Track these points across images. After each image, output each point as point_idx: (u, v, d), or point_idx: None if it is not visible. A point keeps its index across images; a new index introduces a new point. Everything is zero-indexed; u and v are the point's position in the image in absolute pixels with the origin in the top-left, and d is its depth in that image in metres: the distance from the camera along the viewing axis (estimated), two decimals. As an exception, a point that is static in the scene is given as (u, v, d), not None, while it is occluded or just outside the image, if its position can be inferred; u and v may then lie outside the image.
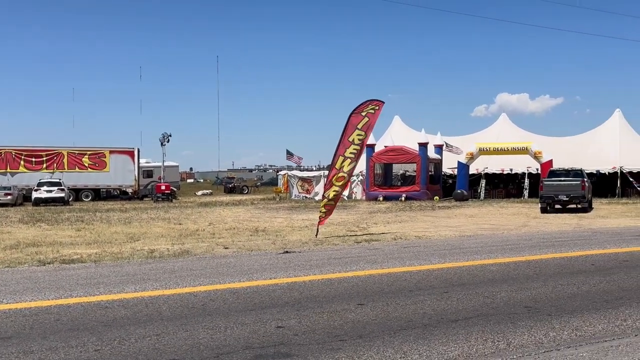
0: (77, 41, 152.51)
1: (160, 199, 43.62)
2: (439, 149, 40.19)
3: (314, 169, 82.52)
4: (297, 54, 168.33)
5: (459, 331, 6.10)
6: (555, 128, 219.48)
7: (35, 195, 39.01)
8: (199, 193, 63.82)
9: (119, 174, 47.69)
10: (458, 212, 27.04)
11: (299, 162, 50.74)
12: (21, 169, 45.73)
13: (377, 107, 16.79)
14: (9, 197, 38.00)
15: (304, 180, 44.59)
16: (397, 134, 43.34)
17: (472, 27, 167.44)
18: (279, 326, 6.34)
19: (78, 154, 47.36)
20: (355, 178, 39.07)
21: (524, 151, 37.01)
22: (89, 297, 8.01)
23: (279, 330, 6.18)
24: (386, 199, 37.09)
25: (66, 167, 46.53)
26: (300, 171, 53.59)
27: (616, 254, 11.96)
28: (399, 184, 40.71)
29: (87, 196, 46.13)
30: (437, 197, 37.41)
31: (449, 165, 40.09)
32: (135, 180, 48.37)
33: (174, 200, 44.65)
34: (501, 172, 40.20)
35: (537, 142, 38.45)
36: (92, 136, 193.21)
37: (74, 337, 6.02)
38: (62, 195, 39.26)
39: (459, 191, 37.13)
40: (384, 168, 39.99)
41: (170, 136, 50.42)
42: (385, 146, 39.66)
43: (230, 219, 24.85)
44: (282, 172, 50.79)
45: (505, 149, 37.83)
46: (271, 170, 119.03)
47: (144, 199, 47.56)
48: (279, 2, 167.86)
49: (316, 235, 16.27)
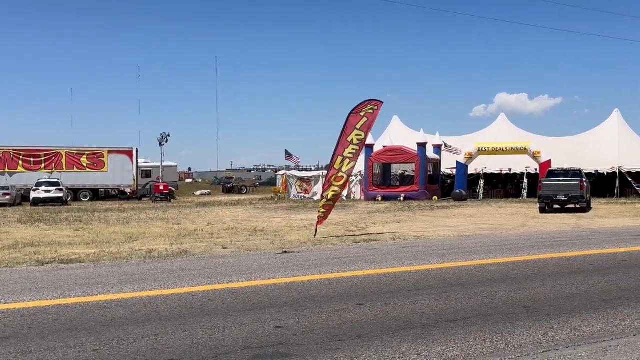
0: (76, 41, 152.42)
1: (158, 199, 43.60)
2: (437, 149, 40.21)
3: (312, 169, 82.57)
4: (296, 53, 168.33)
5: (458, 331, 6.10)
6: (554, 128, 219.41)
7: (33, 195, 39.00)
8: (198, 193, 63.79)
9: (118, 174, 47.67)
10: (457, 212, 27.05)
11: (297, 162, 50.75)
12: (19, 168, 45.69)
13: (376, 107, 16.81)
14: (7, 197, 37.97)
15: (303, 180, 44.58)
16: (395, 134, 43.35)
17: (471, 27, 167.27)
18: (278, 326, 6.34)
19: (76, 154, 47.32)
20: (354, 178, 39.06)
21: (522, 151, 37.03)
22: (87, 297, 8.00)
23: (277, 330, 6.18)
24: (385, 199, 37.09)
25: (64, 167, 46.51)
26: (299, 171, 53.55)
27: (615, 254, 11.96)
28: (398, 184, 40.72)
29: (85, 196, 46.10)
30: (435, 197, 37.41)
31: (448, 165, 40.10)
32: (134, 180, 48.37)
33: (172, 200, 44.64)
34: (500, 172, 40.21)
35: (536, 142, 38.47)
36: (91, 136, 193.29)
37: (73, 337, 6.01)
38: (61, 195, 39.24)
39: (457, 191, 37.14)
40: (382, 168, 40.00)
41: (169, 136, 50.64)
42: (384, 146, 39.66)
43: (228, 219, 24.84)
44: (280, 172, 50.75)
45: (504, 149, 37.85)
46: (270, 170, 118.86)
47: (143, 199, 47.57)
48: (278, 2, 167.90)
49: (315, 235, 16.27)
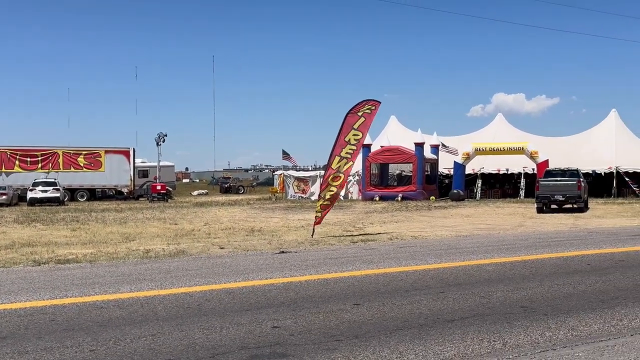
0: (76, 41, 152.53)
1: (155, 199, 43.57)
2: (435, 149, 40.21)
3: (310, 169, 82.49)
4: (295, 53, 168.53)
5: (455, 331, 6.09)
6: (552, 128, 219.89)
7: (30, 195, 38.91)
8: (195, 193, 63.74)
9: (115, 174, 47.57)
10: (454, 212, 27.06)
11: (294, 162, 50.79)
12: (16, 168, 45.56)
13: (374, 107, 16.80)
14: (4, 197, 37.85)
15: (300, 180, 44.55)
16: (393, 134, 43.33)
17: (469, 27, 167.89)
18: (275, 326, 6.33)
19: (73, 153, 47.22)
20: (352, 178, 39.03)
21: (520, 151, 37.05)
22: (84, 297, 7.98)
23: (274, 331, 6.17)
24: (382, 199, 37.08)
25: (61, 167, 46.39)
26: (297, 171, 53.55)
27: (612, 253, 11.97)
28: (395, 184, 40.71)
29: (82, 196, 45.99)
30: (433, 197, 37.42)
31: (445, 165, 40.09)
32: (131, 180, 48.28)
33: (169, 200, 44.61)
34: (497, 172, 40.21)
35: (533, 142, 38.46)
36: (88, 136, 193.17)
37: (69, 337, 6.00)
38: (57, 195, 39.16)
39: (455, 191, 37.13)
40: (380, 168, 39.98)
41: (166, 136, 50.64)
42: (382, 146, 39.65)
43: (226, 219, 24.82)
44: (278, 172, 50.76)
45: (502, 149, 37.86)
46: (267, 170, 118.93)
47: (140, 199, 47.49)
48: (278, 2, 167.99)
49: (312, 235, 16.26)
